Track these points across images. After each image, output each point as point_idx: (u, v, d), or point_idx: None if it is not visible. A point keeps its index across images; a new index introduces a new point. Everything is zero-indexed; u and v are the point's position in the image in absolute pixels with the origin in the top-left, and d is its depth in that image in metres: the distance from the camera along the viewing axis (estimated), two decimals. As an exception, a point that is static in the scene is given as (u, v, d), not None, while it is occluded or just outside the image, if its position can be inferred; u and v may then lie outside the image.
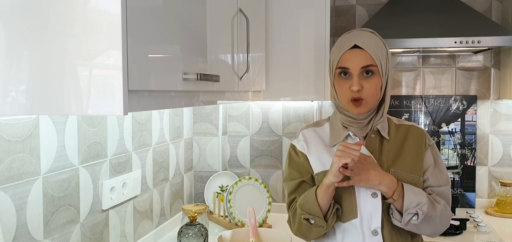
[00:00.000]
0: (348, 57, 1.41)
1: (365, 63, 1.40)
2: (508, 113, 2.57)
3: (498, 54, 2.57)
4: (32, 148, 1.37)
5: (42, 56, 1.02)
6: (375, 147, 1.46)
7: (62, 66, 1.01)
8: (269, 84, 2.22)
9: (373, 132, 1.46)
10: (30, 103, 1.04)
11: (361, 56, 1.40)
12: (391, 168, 1.44)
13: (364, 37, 1.43)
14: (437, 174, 1.48)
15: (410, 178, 1.44)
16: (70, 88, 1.01)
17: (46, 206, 1.43)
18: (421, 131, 1.51)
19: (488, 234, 2.18)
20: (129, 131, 1.91)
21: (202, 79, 1.31)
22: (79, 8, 1.00)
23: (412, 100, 2.62)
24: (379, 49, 1.42)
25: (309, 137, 1.53)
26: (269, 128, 2.65)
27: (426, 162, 1.48)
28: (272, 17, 2.23)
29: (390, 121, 1.52)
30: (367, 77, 1.40)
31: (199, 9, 1.42)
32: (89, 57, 1.00)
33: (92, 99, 1.01)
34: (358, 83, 1.39)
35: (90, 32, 0.99)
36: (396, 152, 1.47)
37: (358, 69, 1.40)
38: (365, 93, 1.40)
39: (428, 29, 2.22)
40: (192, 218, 1.91)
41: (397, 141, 1.48)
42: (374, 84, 1.40)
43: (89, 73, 1.00)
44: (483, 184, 2.62)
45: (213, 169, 2.64)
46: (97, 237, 1.70)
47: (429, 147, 1.49)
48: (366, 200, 1.43)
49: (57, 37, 1.00)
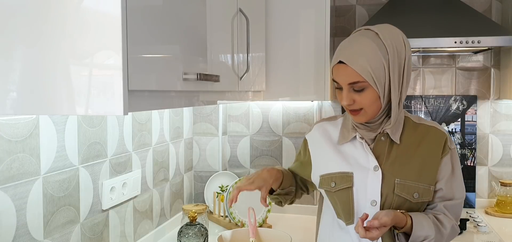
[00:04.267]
0: (336, 72, 1.35)
1: (351, 80, 1.32)
2: (508, 113, 2.57)
3: (498, 54, 2.57)
4: (32, 148, 1.37)
5: (42, 56, 1.01)
6: (384, 151, 1.39)
7: (62, 66, 1.01)
8: (269, 84, 2.22)
9: (382, 134, 1.40)
10: (30, 103, 1.04)
11: (347, 72, 1.32)
12: (396, 178, 1.36)
13: (353, 49, 1.32)
14: (453, 185, 1.39)
15: (418, 187, 1.36)
16: (70, 88, 1.01)
17: (46, 206, 1.43)
18: (441, 133, 1.41)
19: (488, 234, 2.18)
20: (129, 131, 1.91)
21: (202, 79, 1.31)
22: (79, 8, 1.00)
23: (412, 100, 2.62)
24: (371, 59, 1.30)
25: (318, 136, 1.52)
26: (269, 128, 2.65)
27: (442, 169, 1.38)
28: (272, 17, 2.23)
29: (407, 121, 1.43)
30: (358, 92, 1.33)
31: (199, 9, 1.42)
32: (89, 57, 1.00)
33: (92, 99, 1.01)
34: (347, 98, 1.33)
35: (90, 32, 0.99)
36: (408, 157, 1.38)
37: (346, 85, 1.33)
38: (362, 104, 1.33)
39: (428, 29, 2.22)
40: (192, 218, 1.91)
41: (411, 144, 1.39)
42: (367, 98, 1.32)
43: (89, 73, 1.00)
44: (483, 184, 2.62)
45: (213, 169, 2.64)
46: (97, 237, 1.70)
47: (449, 151, 1.39)
48: (365, 208, 1.38)
49: (57, 37, 1.00)
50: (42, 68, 1.02)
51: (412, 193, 1.36)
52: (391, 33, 1.34)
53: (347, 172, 1.41)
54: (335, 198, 1.43)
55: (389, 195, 1.37)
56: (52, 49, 1.01)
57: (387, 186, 1.37)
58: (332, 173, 1.43)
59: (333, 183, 1.42)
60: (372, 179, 1.38)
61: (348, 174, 1.41)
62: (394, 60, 1.31)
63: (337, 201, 1.43)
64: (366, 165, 1.39)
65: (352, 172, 1.40)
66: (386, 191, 1.37)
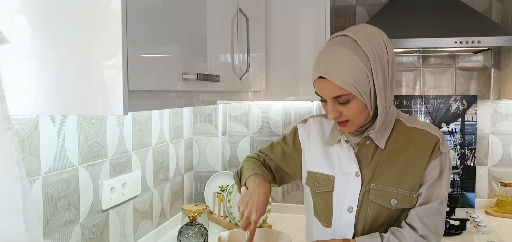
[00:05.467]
0: (318, 86, 1.29)
1: (334, 95, 1.25)
2: (508, 113, 2.57)
3: (498, 54, 2.57)
4: (32, 148, 1.37)
5: (41, 56, 1.02)
6: (368, 156, 1.35)
7: (61, 66, 1.01)
8: (269, 84, 2.22)
9: (367, 138, 1.35)
10: (30, 103, 1.04)
11: (329, 86, 1.24)
12: (373, 183, 1.32)
13: (331, 62, 1.24)
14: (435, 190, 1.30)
15: (397, 193, 1.31)
16: (70, 88, 1.01)
17: (46, 206, 1.43)
18: (432, 136, 1.32)
19: (488, 234, 2.18)
20: (129, 131, 1.91)
21: (202, 79, 1.31)
22: (79, 8, 1.00)
23: (412, 100, 2.62)
24: (352, 71, 1.22)
25: (313, 130, 1.49)
26: (269, 128, 2.65)
27: (428, 173, 1.30)
28: (272, 17, 2.23)
29: (398, 124, 1.36)
30: (343, 104, 1.26)
31: (199, 9, 1.42)
32: (89, 57, 1.00)
33: (92, 99, 1.01)
34: (333, 112, 1.27)
35: (89, 32, 0.99)
36: (390, 163, 1.33)
37: (330, 99, 1.27)
38: (348, 115, 1.27)
39: (428, 29, 2.22)
40: (192, 218, 1.91)
41: (396, 149, 1.33)
42: (353, 109, 1.26)
43: (89, 73, 1.00)
44: (483, 184, 2.62)
45: (213, 169, 2.64)
46: (97, 237, 1.70)
47: (439, 155, 1.30)
48: (342, 213, 1.36)
49: (56, 37, 1.00)
50: (42, 68, 1.02)
51: (389, 199, 1.31)
52: (370, 36, 1.25)
53: (329, 176, 1.39)
54: (318, 198, 1.42)
55: (364, 201, 1.33)
56: (51, 50, 1.01)
57: (363, 192, 1.34)
58: (317, 172, 1.42)
59: (317, 184, 1.42)
60: (351, 185, 1.35)
61: (330, 177, 1.39)
62: (376, 65, 1.23)
63: (319, 202, 1.42)
64: (348, 170, 1.36)
65: (334, 176, 1.38)
66: (362, 197, 1.34)
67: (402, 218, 1.33)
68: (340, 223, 1.37)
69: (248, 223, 1.37)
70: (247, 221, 1.36)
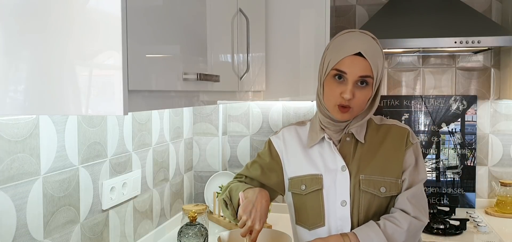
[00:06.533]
0: (348, 63, 1.33)
1: (363, 73, 1.33)
2: (508, 113, 2.57)
3: (498, 54, 2.57)
4: (32, 148, 1.37)
5: (41, 56, 1.01)
6: (350, 151, 1.42)
7: (62, 66, 1.01)
8: (269, 84, 2.22)
9: (348, 135, 1.43)
10: (30, 103, 1.04)
11: (362, 65, 1.33)
12: (361, 174, 1.39)
13: (368, 45, 1.35)
14: (415, 174, 1.41)
15: (384, 181, 1.39)
16: (70, 88, 1.01)
17: (46, 206, 1.43)
18: (402, 130, 1.45)
19: (488, 234, 2.18)
20: (129, 131, 1.91)
21: (202, 79, 1.31)
22: (79, 8, 1.00)
23: (412, 100, 2.62)
24: (379, 59, 1.36)
25: (289, 138, 1.51)
26: (269, 128, 2.65)
27: (407, 161, 1.41)
28: (272, 17, 2.23)
29: (371, 122, 1.47)
30: (360, 87, 1.34)
31: (199, 9, 1.41)
32: (89, 57, 1.00)
33: (92, 99, 1.00)
34: (351, 92, 1.33)
35: (90, 32, 0.99)
36: (372, 155, 1.41)
37: (356, 77, 1.33)
38: (355, 102, 1.34)
39: (428, 29, 2.22)
40: (192, 218, 1.91)
41: (375, 143, 1.43)
42: (365, 95, 1.35)
43: (89, 73, 1.00)
44: (483, 184, 2.62)
45: (213, 169, 2.64)
46: (97, 237, 1.70)
47: (411, 146, 1.42)
48: (335, 208, 1.40)
49: (56, 37, 1.00)
50: (42, 68, 1.02)
51: (379, 187, 1.38)
52: None
53: (316, 174, 1.43)
54: (305, 201, 1.43)
55: (356, 193, 1.39)
56: (51, 50, 1.01)
57: (354, 184, 1.39)
58: (302, 176, 1.44)
59: (303, 186, 1.43)
60: (340, 180, 1.40)
61: (317, 176, 1.42)
62: (384, 66, 1.41)
63: (306, 205, 1.43)
64: (334, 167, 1.41)
65: (321, 174, 1.42)
66: (353, 189, 1.39)
67: (390, 207, 1.41)
68: (335, 219, 1.40)
69: (249, 231, 1.34)
70: (249, 229, 1.34)
